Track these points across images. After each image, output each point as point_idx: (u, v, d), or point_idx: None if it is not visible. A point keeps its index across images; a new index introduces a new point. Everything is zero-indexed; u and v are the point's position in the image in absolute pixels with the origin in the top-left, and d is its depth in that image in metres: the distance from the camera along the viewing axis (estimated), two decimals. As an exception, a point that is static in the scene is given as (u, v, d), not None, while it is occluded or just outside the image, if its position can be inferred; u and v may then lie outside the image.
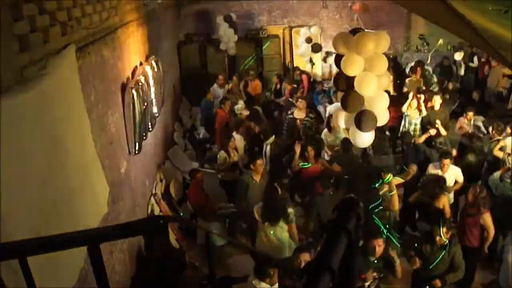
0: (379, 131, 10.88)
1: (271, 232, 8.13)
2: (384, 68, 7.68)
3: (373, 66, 7.46)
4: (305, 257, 6.63)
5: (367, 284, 7.17)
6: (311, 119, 12.59)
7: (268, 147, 11.36)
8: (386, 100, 7.89)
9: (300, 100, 13.02)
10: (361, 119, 7.55)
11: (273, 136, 11.53)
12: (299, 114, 12.59)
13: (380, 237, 7.09)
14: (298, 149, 10.23)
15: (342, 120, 8.33)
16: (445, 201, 8.94)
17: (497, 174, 9.74)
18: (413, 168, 9.97)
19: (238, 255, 9.00)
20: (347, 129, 8.66)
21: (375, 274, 7.17)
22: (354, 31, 7.80)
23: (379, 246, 7.04)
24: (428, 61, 18.09)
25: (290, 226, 8.27)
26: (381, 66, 7.58)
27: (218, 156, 10.92)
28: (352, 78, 7.53)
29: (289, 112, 12.96)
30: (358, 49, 7.37)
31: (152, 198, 9.38)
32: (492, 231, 8.39)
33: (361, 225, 1.89)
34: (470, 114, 12.37)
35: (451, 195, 9.77)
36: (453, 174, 9.64)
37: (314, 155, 10.11)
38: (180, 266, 7.50)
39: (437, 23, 6.91)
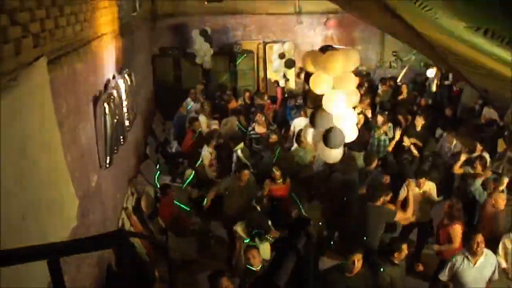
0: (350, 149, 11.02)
1: (258, 249, 8.13)
2: (353, 86, 7.76)
3: (341, 84, 7.52)
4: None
5: None
6: (272, 132, 12.61)
7: (239, 152, 11.36)
8: (353, 118, 7.95)
9: (258, 114, 13.08)
10: (329, 136, 7.60)
11: (242, 143, 11.54)
12: (259, 128, 12.66)
13: (359, 252, 7.06)
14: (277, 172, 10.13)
15: (310, 136, 8.39)
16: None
17: (478, 183, 9.83)
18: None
19: (209, 271, 8.98)
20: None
21: None
22: (324, 49, 7.86)
23: (358, 261, 7.02)
24: (399, 79, 18.34)
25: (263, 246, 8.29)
26: (349, 84, 7.65)
27: (185, 173, 10.99)
28: (321, 95, 7.58)
29: (250, 128, 13.07)
30: (327, 68, 7.42)
31: (123, 212, 9.32)
32: (456, 244, 8.47)
33: (313, 243, 1.90)
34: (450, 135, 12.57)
35: (428, 211, 9.86)
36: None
37: (281, 175, 10.05)
38: (150, 280, 7.45)
39: (395, 36, 7.00)
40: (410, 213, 8.60)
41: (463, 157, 10.71)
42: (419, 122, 12.79)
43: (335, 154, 7.97)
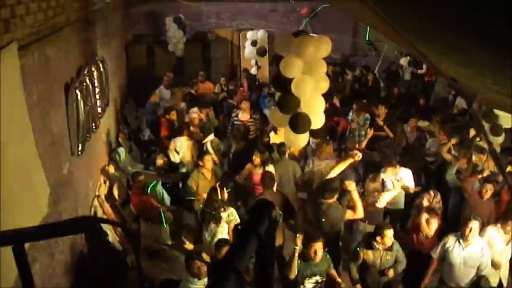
0: (323, 137, 11.05)
1: (212, 233, 8.20)
2: (323, 72, 7.77)
3: (312, 69, 7.53)
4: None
5: (310, 287, 7.24)
6: (255, 121, 12.65)
7: (209, 144, 11.34)
8: (322, 104, 7.96)
9: (244, 101, 13.09)
10: (295, 121, 7.62)
11: (212, 135, 11.51)
12: (243, 116, 12.64)
13: (319, 241, 7.12)
14: (256, 158, 10.17)
15: (277, 120, 8.39)
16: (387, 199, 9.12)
17: (452, 169, 9.93)
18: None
19: (182, 257, 8.99)
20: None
21: (318, 278, 7.25)
22: (297, 34, 7.86)
23: (319, 249, 7.09)
24: (377, 69, 18.46)
25: (230, 227, 8.30)
26: (320, 70, 7.66)
27: (156, 160, 10.96)
28: (290, 79, 7.59)
29: (233, 115, 13.02)
30: (298, 52, 7.43)
31: (95, 200, 9.27)
32: (430, 235, 8.58)
33: (275, 228, 1.90)
34: (412, 121, 12.65)
35: (402, 199, 9.95)
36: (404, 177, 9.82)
37: (261, 161, 10.09)
38: (123, 268, 7.44)
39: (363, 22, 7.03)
40: (360, 213, 8.53)
41: (453, 141, 10.84)
42: (382, 112, 12.85)
43: (300, 140, 7.98)
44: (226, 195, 8.73)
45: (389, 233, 7.57)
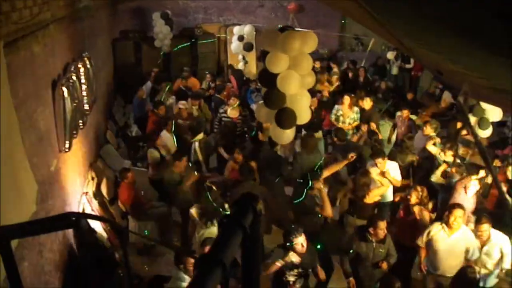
0: (310, 131, 11.08)
1: (210, 231, 8.16)
2: (309, 68, 7.78)
3: (297, 65, 7.54)
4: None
5: (291, 280, 7.26)
6: (245, 118, 12.63)
7: (197, 144, 11.32)
8: (307, 99, 7.96)
9: (233, 98, 13.05)
10: (281, 116, 7.62)
11: (202, 134, 11.49)
12: (232, 113, 12.61)
13: (300, 234, 7.13)
14: (238, 156, 10.14)
15: (263, 115, 8.39)
16: (376, 195, 9.14)
17: (438, 173, 9.98)
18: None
19: (170, 254, 9.01)
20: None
21: (301, 270, 7.26)
22: (283, 29, 7.86)
23: (304, 242, 7.10)
24: (363, 63, 18.52)
25: None
26: (306, 65, 7.67)
27: (148, 155, 10.89)
28: (276, 75, 7.58)
29: (221, 111, 12.97)
30: (284, 47, 7.43)
31: (83, 197, 9.26)
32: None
33: (260, 220, 1.91)
34: (405, 112, 12.71)
35: (390, 192, 10.00)
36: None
37: (242, 158, 10.01)
38: (111, 265, 7.44)
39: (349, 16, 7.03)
40: (328, 212, 8.58)
41: (435, 139, 10.88)
42: (368, 103, 12.92)
43: (286, 135, 7.99)
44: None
45: (382, 225, 7.59)
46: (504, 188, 9.13)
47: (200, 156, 11.11)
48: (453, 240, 7.77)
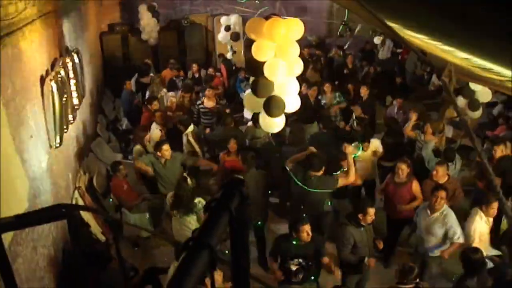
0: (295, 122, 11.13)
1: (181, 220, 8.22)
2: (296, 55, 7.75)
3: (284, 52, 7.50)
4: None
5: (293, 269, 7.29)
6: (222, 106, 12.65)
7: (189, 137, 11.28)
8: (295, 87, 7.96)
9: (208, 89, 13.14)
10: (270, 104, 7.62)
11: (192, 126, 11.49)
12: (208, 103, 12.66)
13: (306, 223, 7.15)
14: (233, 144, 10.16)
15: (251, 104, 8.38)
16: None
17: (431, 146, 10.04)
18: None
19: (164, 246, 9.05)
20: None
21: (301, 261, 7.29)
22: (268, 17, 7.84)
23: (307, 232, 7.12)
24: (346, 46, 18.57)
25: (199, 215, 8.29)
26: (292, 53, 7.64)
27: (133, 150, 10.92)
28: (263, 63, 7.57)
29: (199, 102, 13.09)
30: (270, 35, 7.40)
31: (76, 192, 9.26)
32: (421, 197, 8.73)
33: (248, 205, 1.92)
34: (399, 101, 12.77)
35: (375, 171, 10.12)
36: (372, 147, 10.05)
37: (236, 148, 10.09)
38: (106, 259, 7.44)
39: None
40: (352, 176, 8.64)
41: (414, 117, 10.94)
42: (364, 91, 13.06)
43: (275, 123, 7.99)
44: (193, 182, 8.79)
45: (371, 211, 7.62)
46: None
47: (196, 147, 11.10)
48: (431, 220, 7.88)
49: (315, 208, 8.45)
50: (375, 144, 10.04)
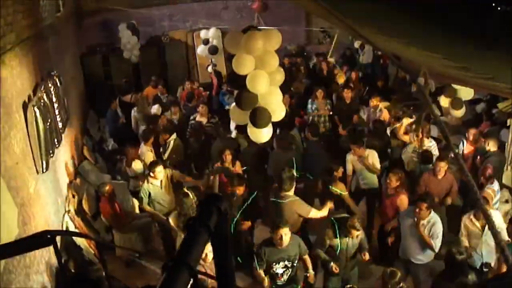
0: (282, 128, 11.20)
1: None
2: (276, 65, 7.81)
3: (264, 63, 7.57)
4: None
5: (279, 272, 7.35)
6: (213, 124, 12.68)
7: (172, 144, 11.41)
8: (279, 96, 8.00)
9: (201, 105, 13.23)
10: (255, 116, 7.66)
11: (175, 134, 11.54)
12: (201, 119, 12.73)
13: (284, 227, 7.20)
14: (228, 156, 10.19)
15: (237, 117, 8.42)
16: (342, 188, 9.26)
17: (410, 148, 10.11)
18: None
19: (158, 264, 9.02)
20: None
21: (287, 263, 7.35)
22: (245, 30, 7.89)
23: (285, 235, 7.18)
24: (329, 54, 18.65)
25: None
26: (272, 63, 7.69)
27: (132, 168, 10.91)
28: (245, 76, 7.61)
29: (191, 118, 13.21)
30: (248, 48, 7.45)
31: (66, 216, 9.23)
32: None
33: (227, 220, 1.94)
34: (374, 100, 12.86)
35: (375, 178, 10.22)
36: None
37: (231, 159, 10.16)
38: (99, 280, 7.42)
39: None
40: (325, 212, 8.69)
41: (405, 121, 11.01)
42: (348, 95, 13.18)
43: (263, 134, 8.03)
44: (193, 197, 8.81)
45: (358, 225, 7.66)
46: None
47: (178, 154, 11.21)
48: (418, 226, 7.90)
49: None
50: (370, 154, 10.06)
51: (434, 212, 8.04)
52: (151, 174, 9.53)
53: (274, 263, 7.35)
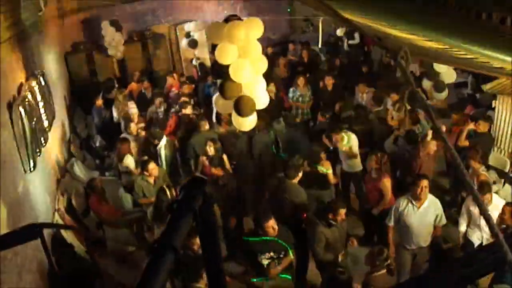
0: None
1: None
2: (258, 53, 7.83)
3: (247, 53, 7.58)
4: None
5: (265, 263, 7.39)
6: (198, 116, 12.70)
7: (163, 150, 11.38)
8: (263, 84, 8.03)
9: (183, 98, 13.48)
10: (239, 105, 7.69)
11: (164, 138, 11.54)
12: (185, 112, 12.78)
13: (270, 219, 7.27)
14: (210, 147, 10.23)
15: (222, 106, 8.47)
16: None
17: (391, 138, 10.19)
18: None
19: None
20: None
21: (272, 254, 7.39)
22: (227, 19, 7.91)
23: (273, 226, 7.25)
24: (320, 44, 18.72)
25: None
26: (255, 52, 7.72)
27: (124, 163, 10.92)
28: (228, 66, 7.65)
29: (172, 110, 13.43)
30: (230, 38, 7.47)
31: (55, 214, 9.23)
32: (388, 196, 8.80)
33: (212, 203, 1.95)
34: (361, 86, 12.98)
35: (358, 161, 10.33)
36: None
37: (215, 150, 10.19)
38: (92, 276, 7.44)
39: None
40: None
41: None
42: (329, 82, 13.27)
43: (248, 122, 8.07)
44: (174, 194, 8.83)
45: (342, 211, 7.70)
46: None
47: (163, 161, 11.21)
48: (422, 211, 7.87)
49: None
50: (350, 137, 10.13)
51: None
52: (146, 172, 9.60)
53: (259, 254, 7.39)
